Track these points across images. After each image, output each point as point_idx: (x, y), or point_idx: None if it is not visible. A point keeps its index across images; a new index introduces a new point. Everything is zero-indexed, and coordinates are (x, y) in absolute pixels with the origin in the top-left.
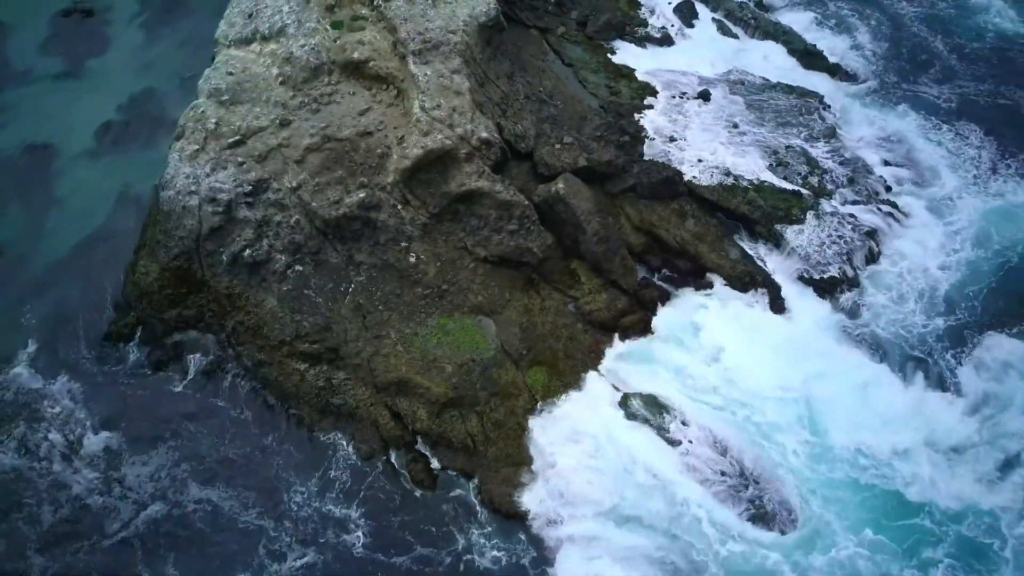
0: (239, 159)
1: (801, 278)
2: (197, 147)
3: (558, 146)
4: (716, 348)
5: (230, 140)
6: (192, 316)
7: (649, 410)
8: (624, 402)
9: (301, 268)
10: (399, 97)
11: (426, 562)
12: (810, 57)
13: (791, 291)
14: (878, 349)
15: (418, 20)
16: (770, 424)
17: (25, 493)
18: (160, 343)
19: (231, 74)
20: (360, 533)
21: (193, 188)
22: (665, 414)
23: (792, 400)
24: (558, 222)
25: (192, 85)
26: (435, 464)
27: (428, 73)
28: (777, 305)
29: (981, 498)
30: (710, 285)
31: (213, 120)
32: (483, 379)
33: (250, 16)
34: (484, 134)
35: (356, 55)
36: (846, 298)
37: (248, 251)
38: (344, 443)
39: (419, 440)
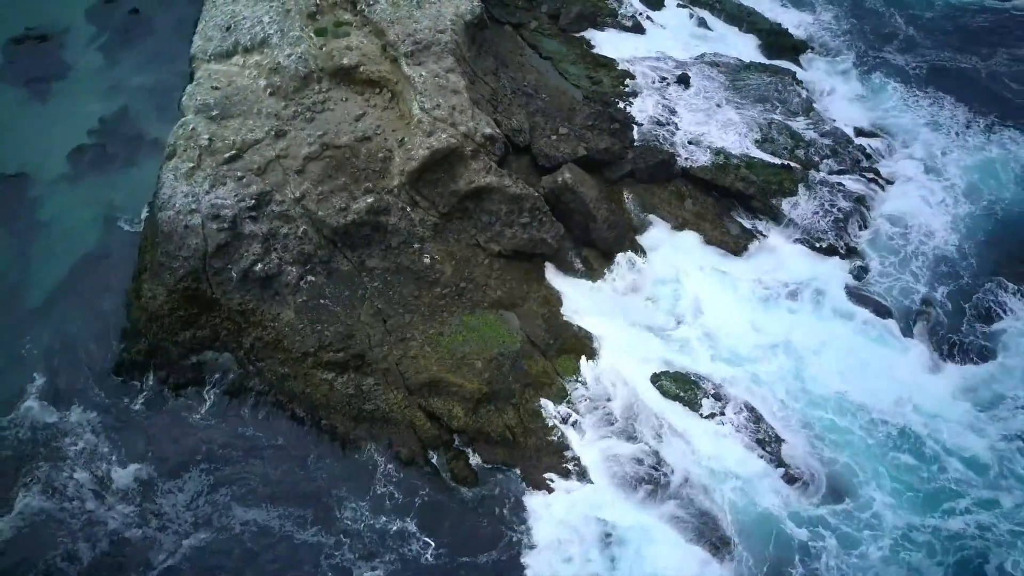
0: (238, 174)
1: (799, 243)
2: (192, 165)
3: (554, 137)
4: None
5: (226, 155)
6: (207, 336)
7: (680, 387)
8: (656, 380)
9: (314, 278)
10: (394, 100)
11: (490, 557)
12: (776, 36)
13: (794, 258)
14: (885, 310)
15: (405, 22)
16: (794, 386)
17: (59, 533)
18: (177, 366)
19: (217, 88)
20: (421, 540)
21: (194, 206)
22: (696, 389)
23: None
24: (566, 211)
25: (165, 103)
26: (474, 460)
27: (423, 74)
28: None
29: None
30: None
31: (206, 136)
32: (515, 371)
33: (228, 29)
34: (488, 130)
35: (346, 61)
36: (848, 262)
37: (259, 266)
38: (382, 448)
39: (455, 438)
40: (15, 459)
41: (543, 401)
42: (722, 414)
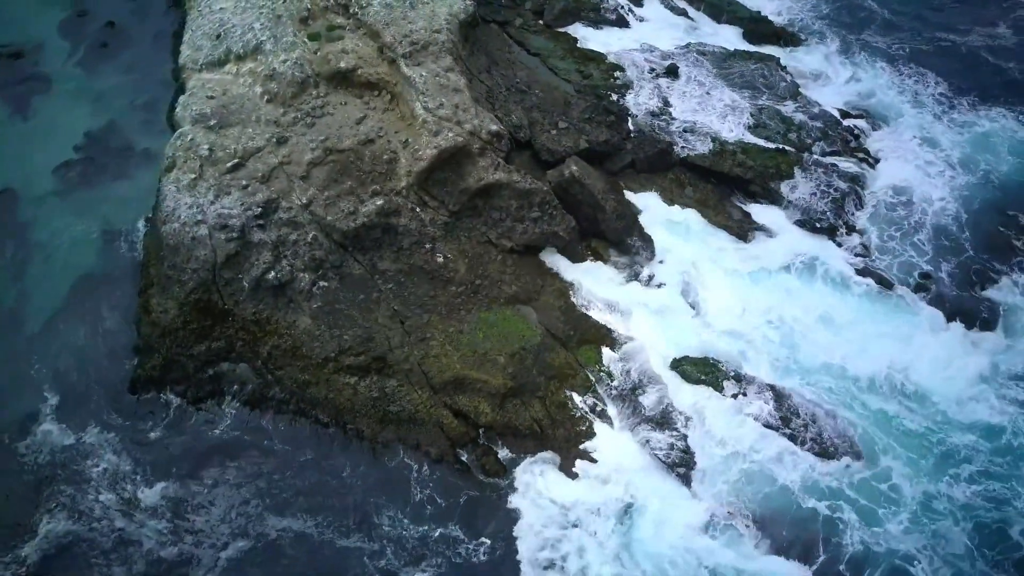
0: (242, 182)
1: (800, 225)
2: (194, 176)
3: (554, 132)
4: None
5: (228, 164)
6: (222, 348)
7: (701, 370)
8: (677, 366)
9: (327, 284)
10: (393, 101)
11: (528, 547)
12: (758, 23)
13: (798, 239)
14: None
15: (400, 23)
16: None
17: (91, 554)
18: (193, 380)
19: (212, 98)
20: (462, 537)
21: (200, 218)
22: (717, 371)
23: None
24: (574, 204)
25: (151, 114)
26: (503, 453)
27: (423, 74)
28: None
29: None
30: None
31: (205, 146)
32: (538, 364)
33: (218, 37)
34: (493, 127)
35: (343, 64)
36: (849, 239)
37: (272, 274)
38: (411, 449)
39: (480, 434)
40: (35, 483)
41: (569, 392)
42: (744, 394)
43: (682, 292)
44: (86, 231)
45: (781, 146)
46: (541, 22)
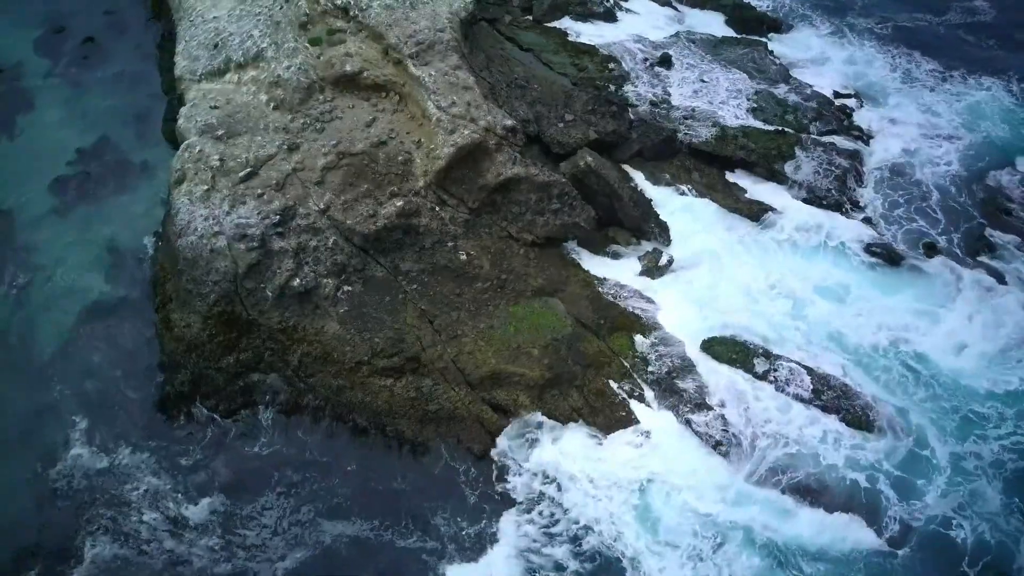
0: (257, 191)
1: (807, 202)
2: (207, 187)
3: (561, 124)
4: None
5: (241, 174)
6: (250, 359)
7: (730, 350)
8: (707, 347)
9: (351, 288)
10: (402, 102)
11: (594, 537)
12: (742, 10)
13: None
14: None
15: (403, 24)
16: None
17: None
18: (224, 393)
19: (216, 108)
20: (512, 526)
21: (216, 229)
22: (746, 350)
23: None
24: (590, 194)
25: (144, 127)
26: None
27: (432, 73)
28: None
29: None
30: None
31: (216, 157)
32: (573, 354)
33: (215, 47)
34: (508, 122)
35: (348, 68)
36: (855, 213)
37: (298, 280)
38: (452, 446)
39: None
40: (73, 508)
41: (606, 380)
42: (775, 370)
43: (702, 275)
44: (91, 251)
45: (780, 128)
46: (530, 18)
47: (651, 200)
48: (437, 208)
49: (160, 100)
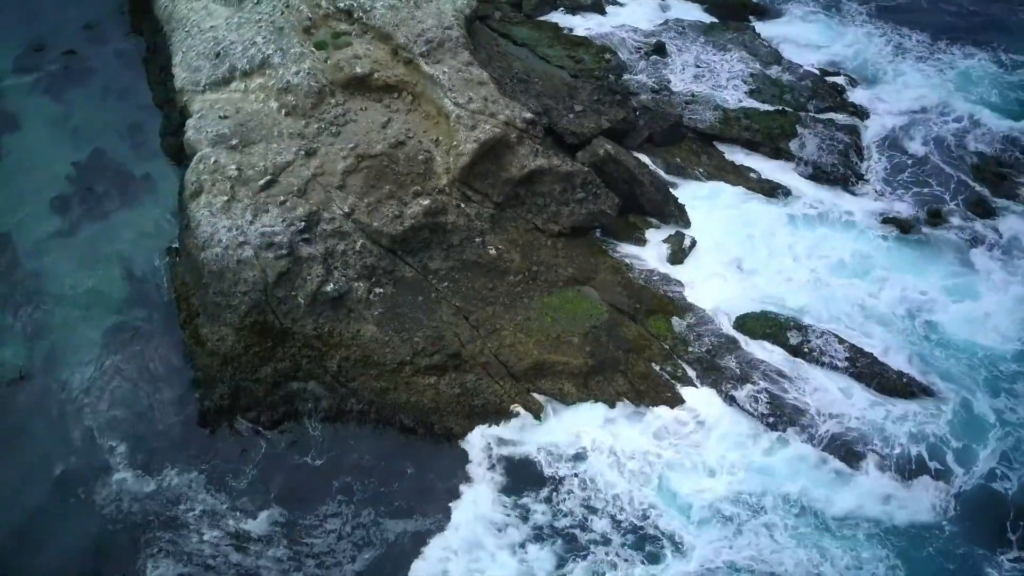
0: (279, 198)
1: (815, 179)
2: (226, 197)
3: (571, 115)
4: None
5: (261, 182)
6: (288, 368)
7: (763, 325)
8: (740, 324)
9: (382, 290)
10: (415, 102)
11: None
12: None
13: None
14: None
15: (410, 23)
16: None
17: None
18: (264, 404)
19: (225, 117)
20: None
21: (241, 239)
22: (778, 324)
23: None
24: (610, 182)
25: (140, 139)
26: None
27: (446, 71)
28: None
29: None
30: None
31: (233, 167)
32: (613, 340)
33: (217, 56)
34: (527, 114)
35: (359, 70)
36: (861, 186)
37: (331, 286)
38: None
39: None
40: (127, 533)
41: (648, 362)
42: (808, 342)
43: (726, 254)
44: (103, 272)
45: (780, 107)
46: (521, 13)
47: (668, 184)
48: (462, 205)
49: (152, 113)
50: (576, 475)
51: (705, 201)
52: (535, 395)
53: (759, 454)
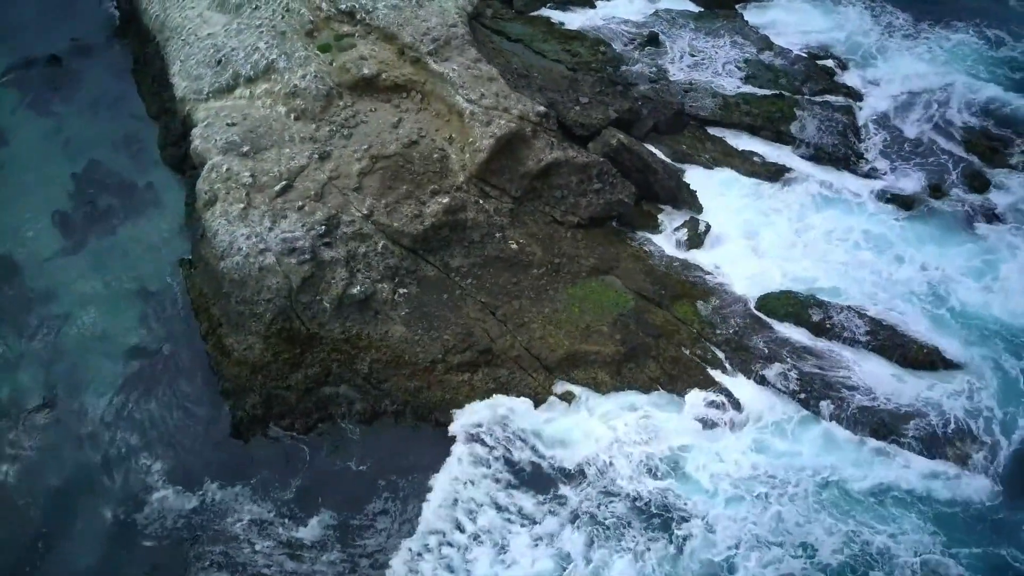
0: (297, 203)
1: (816, 160)
2: (243, 205)
3: (578, 108)
4: None
5: (277, 188)
6: (318, 373)
7: (784, 304)
8: (762, 305)
9: (406, 290)
10: (424, 101)
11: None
12: None
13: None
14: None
15: (414, 23)
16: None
17: None
18: (298, 410)
19: (233, 124)
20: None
21: (262, 246)
22: (799, 303)
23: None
24: (623, 171)
25: (137, 148)
26: None
27: (455, 68)
28: None
29: None
30: None
31: (247, 174)
32: (642, 326)
33: (219, 63)
34: (540, 108)
35: (366, 71)
36: (861, 165)
37: (358, 288)
38: None
39: None
40: (174, 550)
41: (678, 347)
42: (830, 318)
43: (741, 237)
44: (115, 288)
45: (777, 92)
46: (512, 10)
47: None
48: (481, 201)
49: (146, 124)
50: (609, 460)
51: (714, 186)
52: (570, 386)
53: (790, 431)
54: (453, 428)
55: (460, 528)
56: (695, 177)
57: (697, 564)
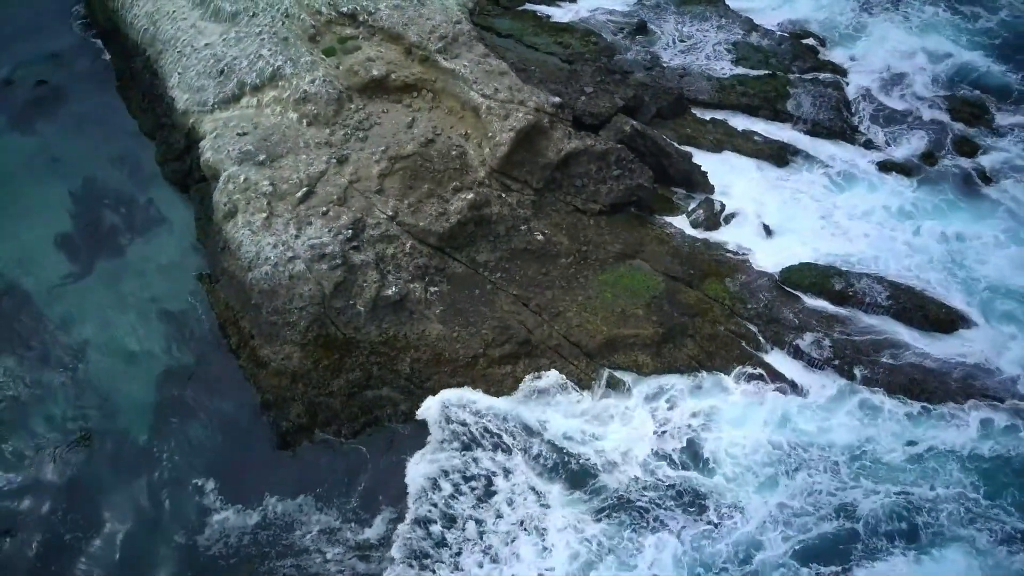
0: (321, 209)
1: (815, 135)
2: (265, 214)
3: (584, 98)
4: None
5: (298, 195)
6: (360, 377)
7: (806, 275)
8: (785, 278)
9: (437, 288)
10: (436, 99)
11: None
12: None
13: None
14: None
15: (419, 21)
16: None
17: None
18: (342, 416)
19: (244, 134)
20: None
21: (290, 254)
22: (820, 273)
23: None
24: (638, 156)
25: (136, 163)
26: None
27: (466, 64)
28: None
29: None
30: None
31: (266, 183)
32: (676, 307)
33: (222, 73)
34: (555, 99)
35: (375, 72)
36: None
37: (393, 290)
38: None
39: None
40: (242, 568)
41: (713, 324)
42: (851, 285)
43: (756, 215)
44: (133, 311)
45: (768, 72)
46: (498, 6)
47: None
48: (503, 195)
49: (139, 140)
50: (654, 439)
51: (723, 168)
52: (613, 371)
53: (828, 398)
54: None
55: (500, 515)
56: (702, 159)
57: (730, 545)
